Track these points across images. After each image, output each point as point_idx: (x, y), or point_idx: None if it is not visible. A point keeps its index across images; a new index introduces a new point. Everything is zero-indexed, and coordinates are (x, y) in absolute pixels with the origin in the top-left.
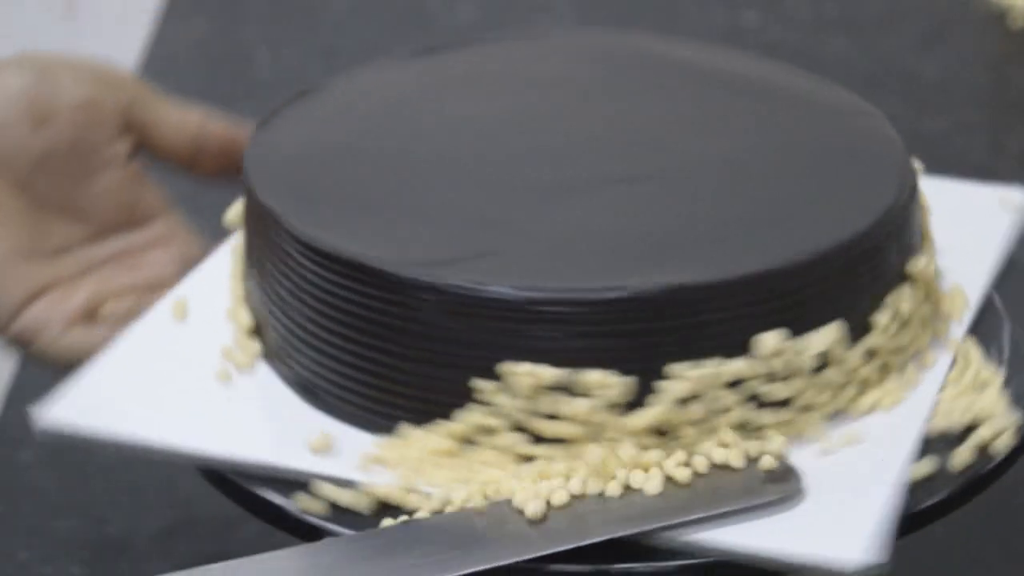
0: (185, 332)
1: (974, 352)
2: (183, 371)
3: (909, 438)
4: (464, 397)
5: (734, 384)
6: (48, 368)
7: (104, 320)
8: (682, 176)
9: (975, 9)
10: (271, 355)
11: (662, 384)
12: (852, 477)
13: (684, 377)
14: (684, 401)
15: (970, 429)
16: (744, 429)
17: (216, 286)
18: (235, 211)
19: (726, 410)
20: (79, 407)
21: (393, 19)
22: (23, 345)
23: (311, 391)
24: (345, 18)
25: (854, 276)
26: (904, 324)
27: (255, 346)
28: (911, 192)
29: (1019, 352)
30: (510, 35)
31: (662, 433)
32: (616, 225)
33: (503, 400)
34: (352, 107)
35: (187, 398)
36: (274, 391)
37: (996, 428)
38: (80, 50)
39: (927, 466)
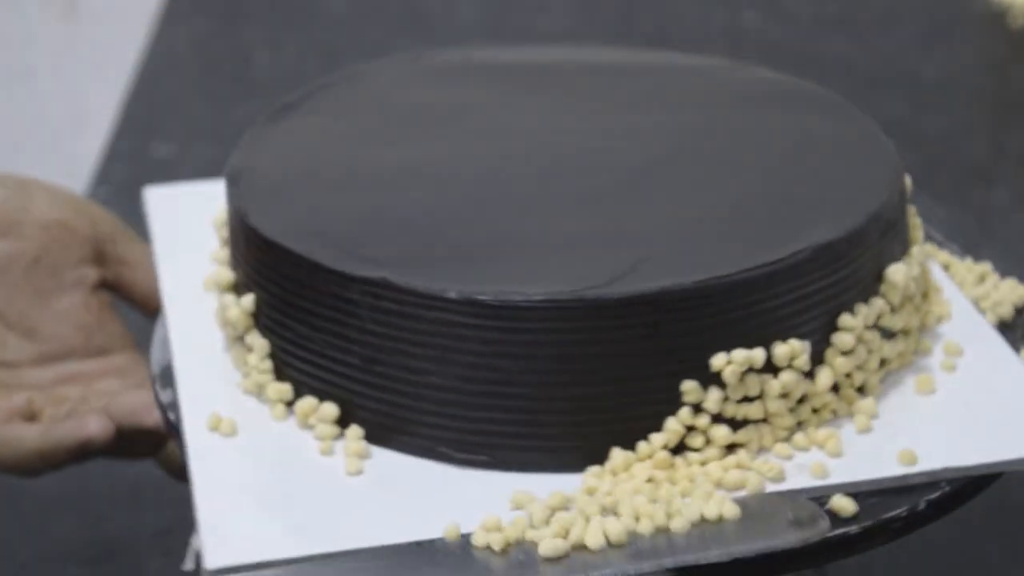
0: (248, 444)
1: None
2: (305, 483)
3: (991, 334)
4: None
5: (874, 324)
6: None
7: (43, 420)
8: (684, 174)
9: (975, 9)
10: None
11: (835, 337)
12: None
13: (850, 327)
14: (848, 352)
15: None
16: (884, 365)
17: (218, 376)
18: (223, 276)
19: (874, 350)
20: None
21: (393, 19)
22: None
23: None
24: (345, 18)
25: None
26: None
27: (357, 431)
28: (903, 186)
29: None
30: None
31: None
32: (600, 230)
33: (712, 394)
34: (341, 121)
35: (337, 505)
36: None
37: None
38: (80, 50)
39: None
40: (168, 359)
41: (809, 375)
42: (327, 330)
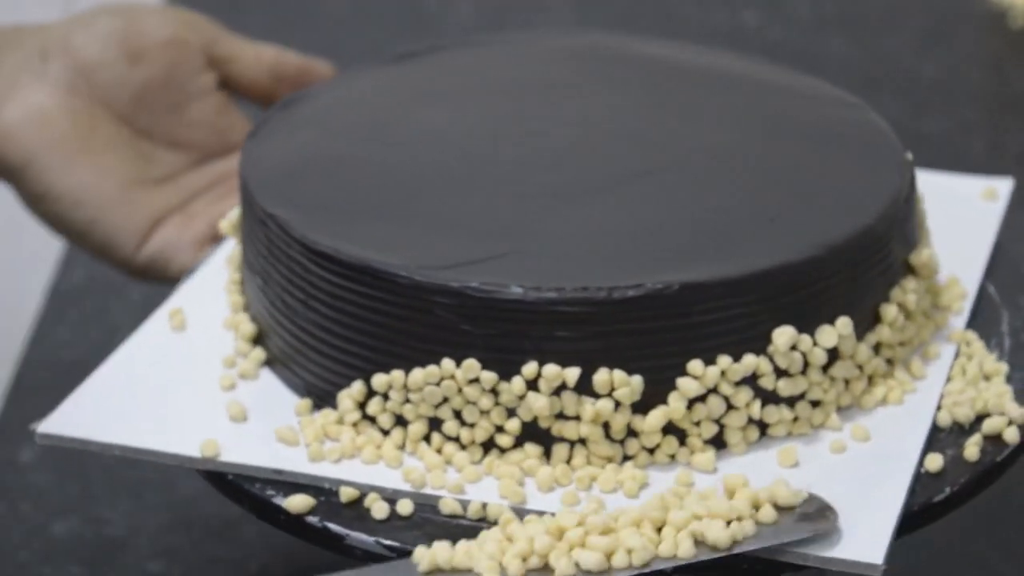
0: (184, 342)
1: (976, 343)
2: (185, 380)
3: (919, 432)
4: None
5: (745, 381)
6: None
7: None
8: (684, 174)
9: (975, 9)
10: (275, 362)
11: (678, 381)
12: (865, 474)
13: (697, 375)
14: (695, 400)
15: (978, 420)
16: (754, 426)
17: (212, 296)
18: (231, 220)
19: (737, 408)
20: (80, 418)
21: (393, 19)
22: (156, 270)
23: (320, 396)
24: (345, 18)
25: (863, 269)
26: (908, 316)
27: (259, 354)
28: (911, 183)
29: (1020, 342)
30: (494, 37)
31: (675, 431)
32: (623, 224)
33: (530, 401)
34: (344, 113)
35: (191, 406)
36: (280, 397)
37: (1004, 420)
38: None
39: (937, 460)
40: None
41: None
42: (262, 264)
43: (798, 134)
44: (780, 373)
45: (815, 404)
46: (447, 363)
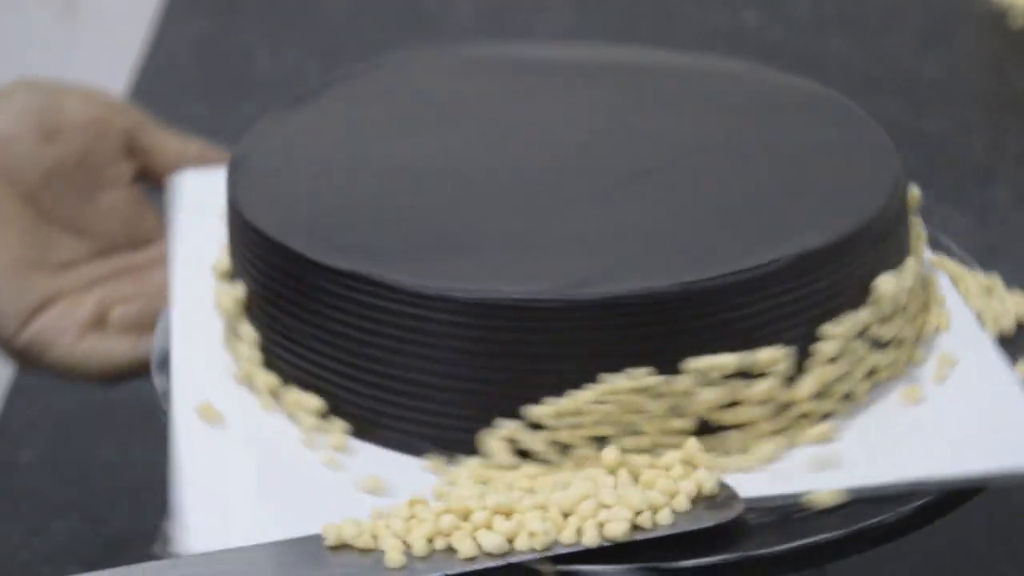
0: (235, 437)
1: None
2: (284, 473)
3: (989, 346)
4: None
5: (861, 334)
6: (59, 378)
7: (115, 327)
8: (685, 175)
9: (975, 9)
10: (364, 430)
11: (815, 347)
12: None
13: (833, 336)
14: (834, 359)
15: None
16: (872, 375)
17: (222, 382)
18: (237, 297)
19: (862, 359)
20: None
21: (393, 19)
22: (35, 355)
23: (448, 446)
24: (345, 18)
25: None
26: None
27: (341, 424)
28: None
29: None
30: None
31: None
32: (622, 226)
33: (699, 395)
34: (347, 115)
35: (317, 495)
36: (394, 460)
37: None
38: (80, 50)
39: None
40: (167, 346)
41: (790, 382)
42: (310, 322)
43: (787, 147)
44: (883, 320)
45: (901, 345)
46: (610, 377)
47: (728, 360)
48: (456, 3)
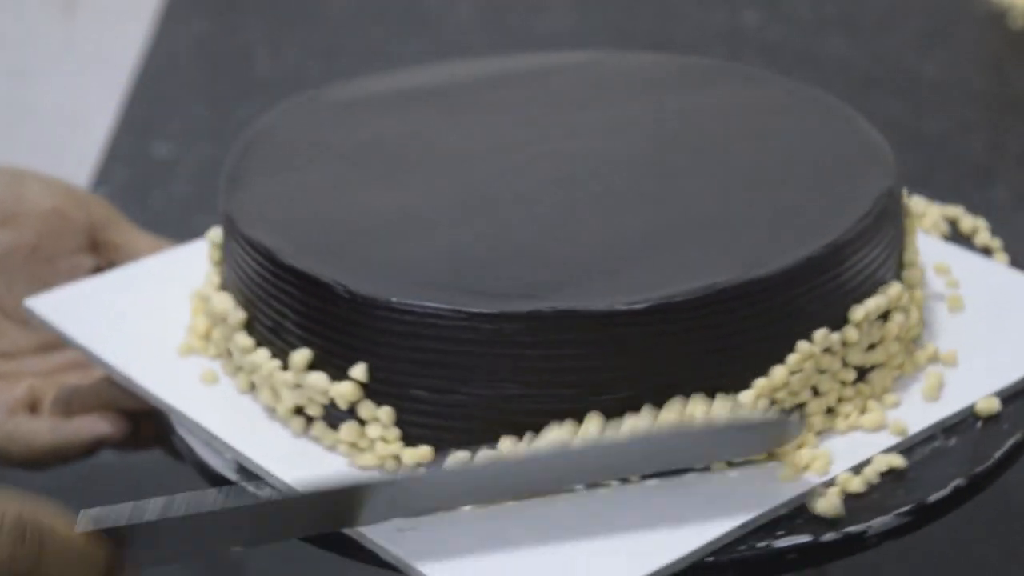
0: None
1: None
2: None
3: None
4: None
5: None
6: None
7: (46, 410)
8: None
9: (975, 9)
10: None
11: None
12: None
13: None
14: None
15: None
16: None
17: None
18: (239, 354)
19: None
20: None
21: (393, 19)
22: None
23: None
24: (345, 18)
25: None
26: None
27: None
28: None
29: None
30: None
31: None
32: (620, 233)
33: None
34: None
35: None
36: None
37: None
38: (80, 50)
39: None
40: (236, 457)
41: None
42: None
43: (777, 153)
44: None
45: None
46: (800, 345)
47: (880, 300)
48: (456, 3)
